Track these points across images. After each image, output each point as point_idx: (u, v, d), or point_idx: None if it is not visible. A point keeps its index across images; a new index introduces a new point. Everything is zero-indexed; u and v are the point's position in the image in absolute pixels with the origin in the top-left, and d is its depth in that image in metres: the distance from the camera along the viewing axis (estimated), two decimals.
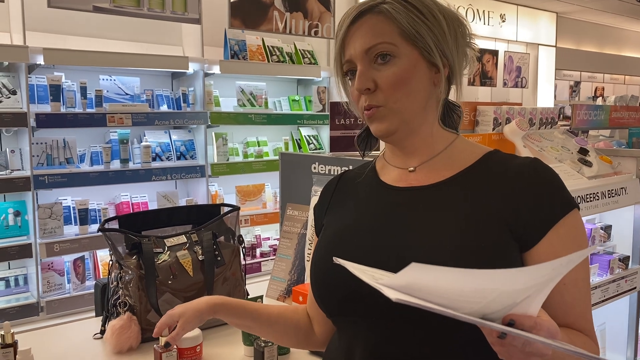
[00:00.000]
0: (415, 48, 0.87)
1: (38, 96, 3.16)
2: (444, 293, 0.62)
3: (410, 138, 0.93)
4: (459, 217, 0.85)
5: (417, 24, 0.86)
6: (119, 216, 1.61)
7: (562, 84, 8.49)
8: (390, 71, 0.87)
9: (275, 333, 1.08)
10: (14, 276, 3.19)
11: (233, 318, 1.05)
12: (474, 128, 2.01)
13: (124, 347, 1.43)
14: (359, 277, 0.69)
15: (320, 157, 1.87)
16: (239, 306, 1.06)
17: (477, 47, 0.97)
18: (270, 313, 1.07)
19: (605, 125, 2.63)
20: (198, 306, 1.04)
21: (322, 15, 3.96)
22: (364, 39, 0.87)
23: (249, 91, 4.00)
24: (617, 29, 9.19)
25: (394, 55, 0.87)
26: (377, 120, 0.90)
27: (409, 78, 0.87)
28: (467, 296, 0.62)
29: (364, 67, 0.88)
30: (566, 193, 0.87)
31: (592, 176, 1.89)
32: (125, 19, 3.32)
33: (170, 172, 3.52)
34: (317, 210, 1.07)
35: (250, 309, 1.06)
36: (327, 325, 1.04)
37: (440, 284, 0.62)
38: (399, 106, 0.88)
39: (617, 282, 2.00)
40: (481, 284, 0.61)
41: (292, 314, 1.09)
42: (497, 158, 0.92)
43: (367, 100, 0.89)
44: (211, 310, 1.04)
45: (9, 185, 2.97)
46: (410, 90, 0.88)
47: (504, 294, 0.62)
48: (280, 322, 1.07)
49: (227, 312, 1.04)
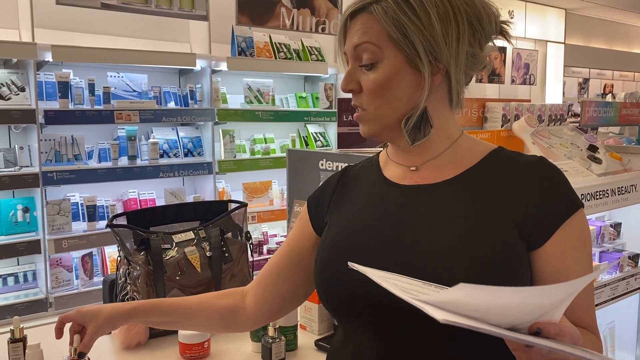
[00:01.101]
0: (400, 52, 0.85)
1: (46, 93, 3.18)
2: (485, 309, 0.62)
3: (402, 140, 0.91)
4: (467, 216, 0.85)
5: (407, 26, 0.83)
6: (127, 212, 1.61)
7: (571, 81, 8.43)
8: (372, 76, 0.86)
9: (199, 322, 1.06)
10: (22, 272, 3.21)
11: (151, 317, 1.03)
12: (482, 124, 2.00)
13: (132, 342, 1.44)
14: (385, 288, 0.68)
15: (328, 154, 1.86)
16: (155, 305, 1.04)
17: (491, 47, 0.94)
18: (189, 304, 1.06)
19: (615, 122, 2.60)
20: (113, 311, 1.01)
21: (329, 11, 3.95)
22: (355, 36, 0.88)
23: (256, 88, 4.00)
24: (626, 26, 9.11)
25: (378, 60, 0.86)
26: (361, 123, 0.92)
27: (390, 85, 0.86)
28: (506, 310, 0.62)
29: (351, 67, 0.89)
30: (572, 192, 0.86)
31: (601, 173, 1.88)
32: (133, 15, 3.33)
33: (177, 169, 3.53)
34: (314, 203, 1.04)
35: (167, 305, 1.04)
36: (266, 308, 1.05)
37: (486, 302, 0.62)
38: (380, 113, 0.88)
39: (627, 280, 1.99)
40: (527, 300, 0.62)
41: (215, 299, 1.07)
42: (502, 156, 0.91)
43: (354, 100, 0.91)
44: (125, 316, 1.02)
45: (17, 182, 2.99)
46: (391, 98, 0.87)
47: (540, 306, 0.63)
48: (203, 310, 1.05)
49: (143, 314, 1.03)
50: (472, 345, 0.82)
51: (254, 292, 1.06)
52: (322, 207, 1.02)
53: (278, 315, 1.09)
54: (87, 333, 1.00)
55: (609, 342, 2.22)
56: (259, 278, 1.07)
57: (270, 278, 1.05)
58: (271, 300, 1.05)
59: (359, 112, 0.91)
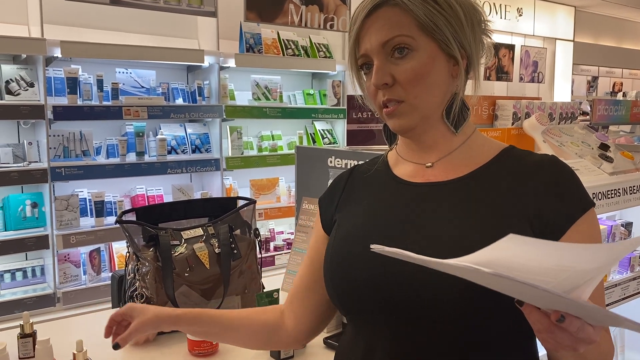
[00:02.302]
0: (433, 40, 0.86)
1: (55, 89, 3.19)
2: (522, 268, 0.61)
3: (429, 133, 0.92)
4: (479, 213, 0.84)
5: (434, 15, 0.84)
6: (136, 208, 1.61)
7: (580, 79, 8.38)
8: (409, 65, 0.85)
9: (241, 336, 1.04)
10: (31, 267, 3.22)
11: (194, 326, 1.02)
12: (493, 122, 1.99)
13: (140, 338, 1.44)
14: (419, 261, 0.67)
15: (337, 151, 1.86)
16: (199, 315, 1.03)
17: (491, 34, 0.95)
18: (232, 316, 1.05)
19: (626, 120, 2.58)
20: (160, 312, 1.00)
21: (337, 8, 3.94)
22: (381, 32, 0.86)
23: (264, 85, 3.99)
24: (636, 23, 9.04)
25: (412, 49, 0.85)
26: (396, 117, 0.88)
27: (428, 72, 0.86)
28: (543, 274, 0.61)
29: (380, 62, 0.87)
30: (584, 191, 0.86)
31: (612, 172, 1.86)
32: (141, 12, 3.33)
33: (185, 165, 3.53)
34: (324, 204, 1.04)
35: (210, 315, 1.03)
36: (305, 323, 1.03)
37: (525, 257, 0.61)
38: (419, 102, 0.87)
39: (638, 280, 1.97)
40: (566, 257, 0.61)
41: (258, 314, 1.06)
42: (514, 155, 0.91)
43: (386, 94, 0.87)
44: (171, 320, 1.00)
45: (26, 177, 3.00)
46: (429, 85, 0.86)
47: (576, 273, 0.61)
48: (245, 324, 1.04)
49: (188, 322, 1.01)
50: (483, 342, 0.82)
51: (290, 308, 1.05)
52: (331, 206, 1.02)
53: (321, 326, 1.07)
54: (130, 327, 0.98)
55: (619, 342, 2.20)
56: (290, 295, 1.06)
57: (301, 293, 1.04)
58: (308, 313, 1.03)
59: (390, 107, 0.88)
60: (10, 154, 3.08)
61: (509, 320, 0.78)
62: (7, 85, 2.99)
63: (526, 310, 0.66)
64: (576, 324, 0.64)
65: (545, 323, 0.65)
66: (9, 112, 2.92)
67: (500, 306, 0.75)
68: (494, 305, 0.76)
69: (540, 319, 0.65)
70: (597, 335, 0.66)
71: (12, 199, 3.10)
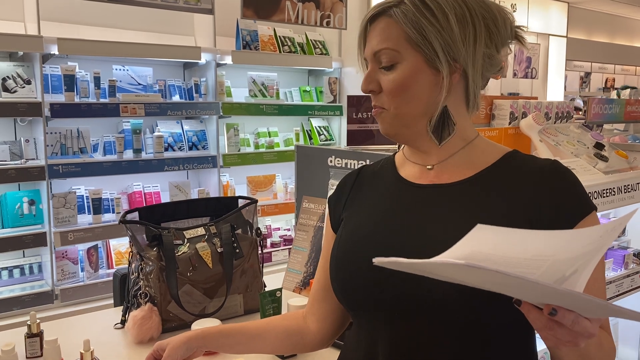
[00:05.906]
0: (419, 53, 0.88)
1: (52, 86, 3.18)
2: (504, 262, 0.62)
3: (418, 141, 0.94)
4: (482, 215, 0.86)
5: (426, 28, 0.86)
6: (139, 208, 1.62)
7: (573, 75, 8.42)
8: (392, 77, 0.90)
9: (268, 342, 1.06)
10: (28, 264, 3.22)
11: (222, 339, 1.04)
12: (490, 122, 2.01)
13: (145, 337, 1.46)
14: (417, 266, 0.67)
15: (337, 151, 1.87)
16: (224, 328, 1.05)
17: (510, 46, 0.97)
18: (256, 324, 1.08)
19: (620, 119, 2.61)
20: (188, 334, 1.03)
21: (334, 5, 3.94)
22: (374, 41, 0.91)
23: (260, 82, 4.00)
24: (628, 19, 9.09)
25: (397, 61, 0.89)
26: (380, 121, 0.94)
27: (409, 85, 0.89)
28: (524, 266, 0.62)
29: (371, 69, 0.93)
30: (586, 195, 0.88)
31: (607, 171, 1.89)
32: (138, 8, 3.32)
33: (182, 162, 3.54)
34: (333, 203, 1.07)
35: (235, 327, 1.06)
36: (328, 323, 1.06)
37: (503, 249, 0.63)
38: (399, 112, 0.91)
39: (632, 277, 2.01)
40: (541, 247, 0.62)
41: (280, 320, 1.09)
42: (517, 159, 0.93)
43: (373, 100, 0.93)
44: (200, 337, 1.02)
45: (23, 175, 3.00)
46: (410, 97, 0.90)
47: (557, 263, 0.63)
48: (270, 331, 1.06)
49: (215, 336, 1.03)
50: (485, 338, 0.84)
51: (311, 311, 1.08)
52: (339, 205, 1.05)
53: (344, 324, 1.08)
54: (164, 355, 0.99)
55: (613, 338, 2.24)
56: (311, 298, 1.09)
57: (319, 295, 1.06)
58: (330, 314, 1.06)
59: (375, 110, 0.94)
60: (7, 151, 3.08)
61: (508, 318, 0.80)
62: (4, 83, 2.98)
63: (524, 309, 0.68)
64: (569, 316, 0.65)
65: (544, 320, 0.67)
66: (5, 110, 2.91)
67: (499, 304, 0.76)
68: (493, 303, 0.78)
69: (539, 317, 0.67)
70: (595, 328, 0.67)
71: (9, 197, 3.10)
